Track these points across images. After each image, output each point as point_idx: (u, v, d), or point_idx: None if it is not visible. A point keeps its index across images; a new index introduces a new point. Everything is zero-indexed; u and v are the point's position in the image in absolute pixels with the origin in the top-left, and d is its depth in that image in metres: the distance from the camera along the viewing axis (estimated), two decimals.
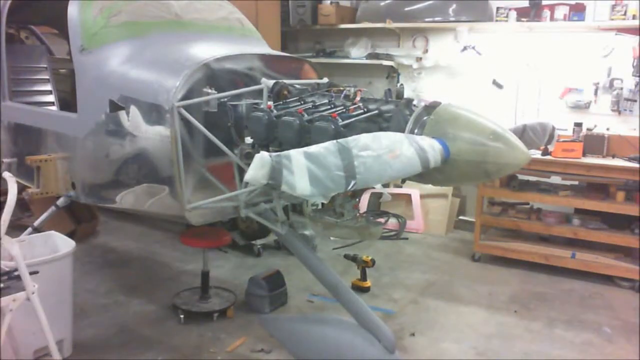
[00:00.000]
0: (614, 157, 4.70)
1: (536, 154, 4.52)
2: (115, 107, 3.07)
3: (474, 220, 5.16)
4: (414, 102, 2.46)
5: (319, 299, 4.16)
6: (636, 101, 4.96)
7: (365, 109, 2.57)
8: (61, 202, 3.70)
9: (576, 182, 4.91)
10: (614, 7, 4.91)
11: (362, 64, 6.24)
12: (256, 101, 3.06)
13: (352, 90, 2.74)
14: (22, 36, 5.42)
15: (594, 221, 4.74)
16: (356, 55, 6.23)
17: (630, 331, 3.85)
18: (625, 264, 4.57)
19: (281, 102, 2.83)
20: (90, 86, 3.32)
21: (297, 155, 1.90)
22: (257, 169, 1.85)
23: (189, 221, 3.10)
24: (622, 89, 5.01)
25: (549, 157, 4.64)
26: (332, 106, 2.69)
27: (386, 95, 2.68)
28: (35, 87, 4.70)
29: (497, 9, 5.49)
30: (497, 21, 5.50)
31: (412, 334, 3.71)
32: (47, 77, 4.80)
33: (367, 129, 2.38)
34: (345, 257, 4.44)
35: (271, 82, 2.88)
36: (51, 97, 4.73)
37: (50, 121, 3.82)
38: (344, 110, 2.60)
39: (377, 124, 2.52)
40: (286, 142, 2.63)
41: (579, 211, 4.93)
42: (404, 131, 2.29)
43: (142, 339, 3.54)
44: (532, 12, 5.29)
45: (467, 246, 5.37)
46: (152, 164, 2.99)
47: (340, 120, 2.47)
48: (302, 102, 2.82)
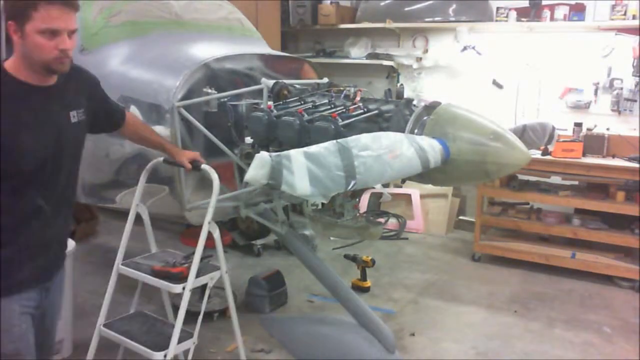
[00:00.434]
0: (614, 157, 4.69)
1: (536, 154, 4.50)
2: None
3: (474, 220, 5.16)
4: (414, 102, 2.46)
5: (319, 299, 4.16)
6: (636, 101, 4.95)
7: (365, 109, 2.57)
8: None
9: (576, 182, 4.90)
10: (614, 7, 4.90)
11: (362, 64, 6.23)
12: (256, 101, 3.07)
13: (352, 90, 2.74)
14: None
15: (594, 221, 4.74)
16: (356, 55, 6.23)
17: (630, 331, 3.85)
18: (625, 264, 4.57)
19: (281, 102, 2.83)
20: None
21: (297, 155, 1.90)
22: (257, 169, 1.85)
23: (189, 221, 3.10)
24: (622, 89, 5.00)
25: (549, 157, 4.63)
26: (332, 106, 2.69)
27: (386, 95, 2.69)
28: None
29: (497, 9, 5.47)
30: (497, 21, 5.49)
31: (412, 334, 3.71)
32: None
33: (367, 129, 2.38)
34: (345, 257, 4.43)
35: (271, 82, 2.88)
36: None
37: None
38: (344, 110, 2.60)
39: (377, 124, 2.52)
40: (286, 142, 2.63)
41: (579, 211, 4.92)
42: (404, 131, 2.29)
43: None
44: (532, 12, 5.28)
45: (467, 246, 5.36)
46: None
47: (340, 120, 2.47)
48: (302, 102, 2.82)
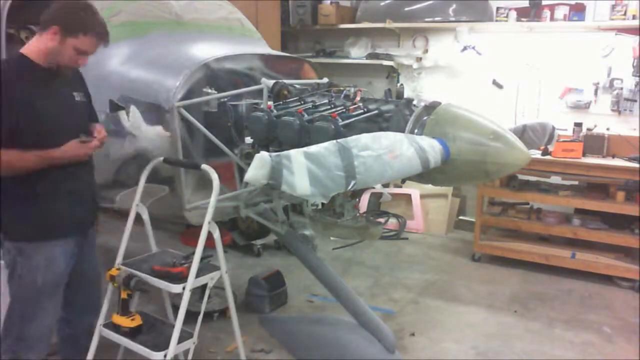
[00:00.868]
0: (614, 157, 4.69)
1: (536, 154, 4.50)
2: (115, 107, 3.06)
3: (474, 220, 5.15)
4: (414, 102, 2.46)
5: (319, 299, 4.16)
6: (636, 101, 4.95)
7: (365, 109, 2.56)
8: None
9: (576, 182, 4.90)
10: (614, 7, 4.90)
11: (362, 64, 6.23)
12: (256, 101, 3.07)
13: (352, 90, 2.74)
14: (22, 36, 5.40)
15: (594, 221, 4.74)
16: (356, 55, 6.23)
17: (630, 331, 3.84)
18: (625, 264, 4.56)
19: (281, 102, 2.83)
20: (90, 86, 3.32)
21: (297, 155, 1.90)
22: (257, 169, 1.85)
23: (189, 221, 3.10)
24: (622, 89, 4.99)
25: (549, 157, 4.63)
26: (332, 106, 2.69)
27: (386, 95, 2.68)
28: None
29: (497, 9, 5.48)
30: (497, 21, 5.49)
31: (412, 334, 3.70)
32: None
33: (367, 129, 2.38)
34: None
35: (271, 82, 2.88)
36: None
37: None
38: (344, 110, 2.59)
39: (377, 124, 2.52)
40: (286, 142, 2.63)
41: (579, 211, 4.92)
42: (404, 131, 2.29)
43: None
44: (532, 12, 5.28)
45: (467, 246, 5.36)
46: None
47: (340, 120, 2.47)
48: (302, 102, 2.82)
